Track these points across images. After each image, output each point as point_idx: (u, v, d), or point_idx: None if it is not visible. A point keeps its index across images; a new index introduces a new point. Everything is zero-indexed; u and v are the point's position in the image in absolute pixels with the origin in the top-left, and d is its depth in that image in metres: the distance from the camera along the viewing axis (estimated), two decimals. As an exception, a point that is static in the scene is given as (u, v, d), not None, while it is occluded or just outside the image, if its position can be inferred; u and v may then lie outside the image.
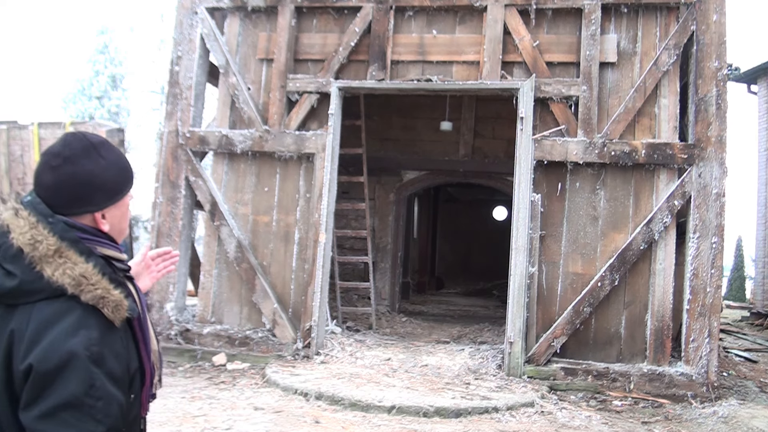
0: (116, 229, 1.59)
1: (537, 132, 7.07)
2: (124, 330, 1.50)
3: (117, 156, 1.59)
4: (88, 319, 1.39)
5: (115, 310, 1.42)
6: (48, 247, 1.41)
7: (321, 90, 7.57)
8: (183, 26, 7.94)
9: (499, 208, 20.90)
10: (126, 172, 1.60)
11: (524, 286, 6.88)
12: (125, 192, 1.59)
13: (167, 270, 2.03)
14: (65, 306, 1.39)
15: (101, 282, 1.42)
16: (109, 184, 1.53)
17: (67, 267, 1.40)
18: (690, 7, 6.89)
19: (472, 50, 7.36)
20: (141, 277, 1.94)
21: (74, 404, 1.33)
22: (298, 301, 7.48)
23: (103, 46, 27.67)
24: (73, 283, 1.39)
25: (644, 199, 6.95)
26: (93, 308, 1.40)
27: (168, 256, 2.03)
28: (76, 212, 1.50)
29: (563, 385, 6.63)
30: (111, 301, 1.42)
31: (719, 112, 6.78)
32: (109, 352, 1.41)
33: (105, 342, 1.40)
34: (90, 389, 1.35)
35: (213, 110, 8.21)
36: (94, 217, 1.53)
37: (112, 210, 1.56)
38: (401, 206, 11.73)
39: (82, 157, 1.50)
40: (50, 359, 1.34)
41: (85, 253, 1.45)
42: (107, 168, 1.53)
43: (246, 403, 5.65)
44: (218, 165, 7.91)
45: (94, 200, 1.51)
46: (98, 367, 1.37)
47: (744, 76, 14.23)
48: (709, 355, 6.53)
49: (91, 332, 1.38)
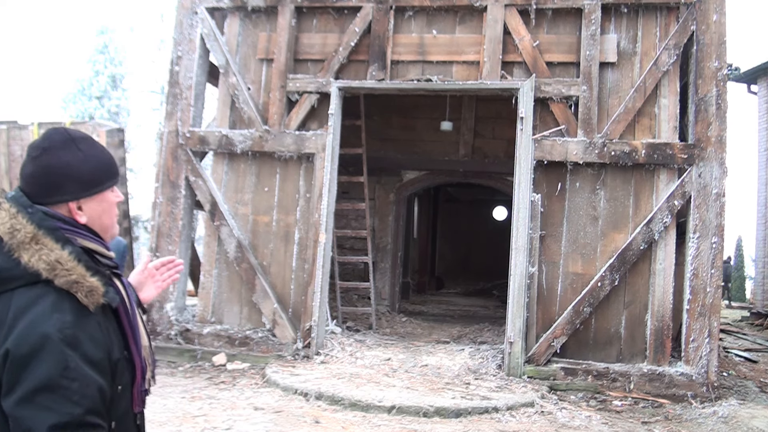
0: (97, 223, 1.61)
1: (537, 132, 7.07)
2: (106, 318, 1.52)
3: (97, 150, 1.62)
4: (63, 304, 1.42)
5: (89, 295, 1.45)
6: (25, 235, 1.44)
7: (321, 90, 7.57)
8: (183, 26, 7.94)
9: (499, 208, 20.90)
10: (105, 166, 1.62)
11: (524, 286, 6.88)
12: (104, 186, 1.61)
13: (172, 279, 2.05)
14: (41, 292, 1.43)
15: (76, 268, 1.45)
16: (85, 175, 1.56)
17: (42, 253, 1.43)
18: (690, 7, 6.89)
19: (472, 50, 7.36)
20: (145, 287, 1.98)
21: (50, 387, 1.34)
22: (298, 301, 7.48)
23: (103, 46, 27.69)
24: (48, 268, 1.42)
25: (644, 199, 6.95)
26: (68, 293, 1.43)
27: (172, 265, 2.05)
28: (51, 201, 1.54)
29: (563, 385, 6.63)
30: (84, 286, 1.44)
31: (719, 112, 6.78)
32: (85, 336, 1.42)
33: (79, 325, 1.42)
34: (64, 371, 1.36)
35: (213, 110, 8.21)
36: (69, 207, 1.56)
37: (90, 203, 1.58)
38: (401, 206, 11.72)
39: (59, 149, 1.55)
40: (25, 343, 1.37)
41: (62, 240, 1.48)
42: (85, 160, 1.57)
43: (246, 403, 5.65)
44: (218, 165, 7.91)
45: (68, 190, 1.54)
46: (73, 350, 1.38)
47: (744, 76, 14.24)
48: (709, 355, 6.53)
49: (65, 316, 1.41)
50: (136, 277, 1.99)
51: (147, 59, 29.41)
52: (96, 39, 27.84)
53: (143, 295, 1.97)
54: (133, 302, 1.69)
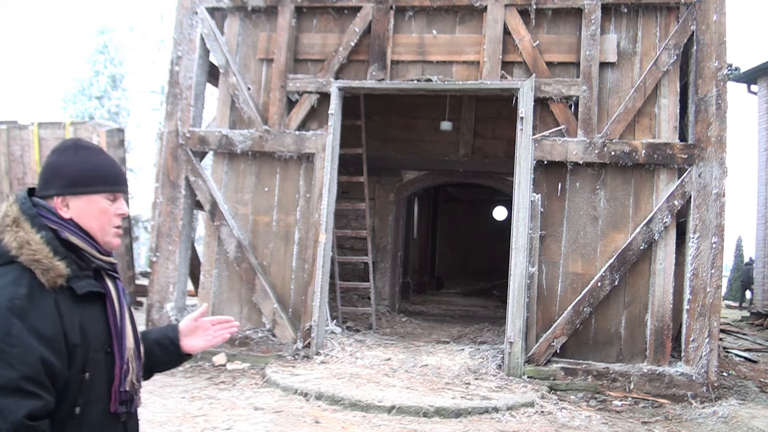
0: (84, 224, 1.69)
1: (537, 132, 7.07)
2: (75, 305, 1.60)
3: (96, 158, 1.74)
4: (22, 279, 1.54)
5: (45, 273, 1.55)
6: (10, 219, 1.61)
7: (321, 90, 7.57)
8: (183, 26, 7.94)
9: (499, 208, 20.89)
10: (99, 172, 1.72)
11: (524, 286, 6.88)
12: (90, 188, 1.70)
13: (223, 338, 2.07)
14: (10, 268, 1.56)
15: (42, 249, 1.57)
16: (73, 174, 1.68)
17: (18, 234, 1.58)
18: (690, 7, 6.89)
19: (472, 50, 7.36)
20: (194, 336, 2.03)
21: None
22: (298, 301, 7.48)
23: (103, 46, 27.70)
24: (17, 246, 1.56)
25: (644, 199, 6.95)
26: (30, 271, 1.55)
27: (228, 325, 2.10)
28: (43, 194, 1.69)
29: (563, 385, 6.63)
30: (44, 265, 1.55)
31: (719, 112, 6.78)
32: (35, 310, 1.51)
33: (32, 299, 1.52)
34: (6, 336, 1.46)
35: (213, 110, 8.21)
36: (55, 201, 1.68)
37: (76, 201, 1.68)
38: (401, 206, 11.73)
39: (62, 151, 1.73)
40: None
41: (38, 226, 1.61)
42: (78, 162, 1.70)
43: (246, 403, 5.65)
44: (218, 165, 7.91)
45: (54, 184, 1.68)
46: (18, 319, 1.48)
47: (744, 76, 14.24)
48: (709, 355, 6.53)
49: (20, 289, 1.52)
50: (188, 324, 2.03)
51: (147, 59, 29.37)
52: (96, 39, 27.84)
53: (190, 343, 2.01)
54: (124, 304, 1.76)
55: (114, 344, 1.69)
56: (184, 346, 2.00)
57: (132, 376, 1.75)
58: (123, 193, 1.79)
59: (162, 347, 1.96)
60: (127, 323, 1.76)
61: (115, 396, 1.69)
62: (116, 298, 1.74)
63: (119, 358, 1.70)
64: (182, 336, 2.00)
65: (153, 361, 1.94)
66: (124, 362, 1.71)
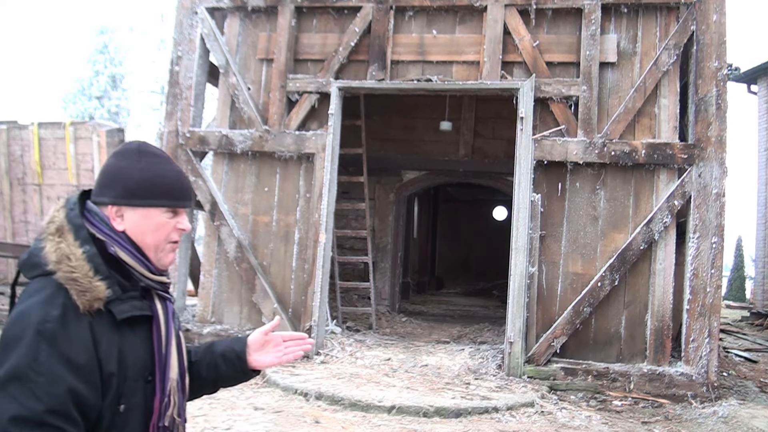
0: (138, 239, 1.54)
1: (537, 132, 7.07)
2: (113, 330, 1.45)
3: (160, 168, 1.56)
4: (56, 298, 1.39)
5: (81, 295, 1.40)
6: (55, 226, 1.47)
7: (321, 90, 7.57)
8: (183, 26, 7.94)
9: (499, 208, 20.89)
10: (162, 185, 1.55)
11: (524, 286, 6.88)
12: (149, 201, 1.53)
13: (296, 356, 1.89)
14: (46, 283, 1.42)
15: (82, 267, 1.42)
16: (131, 183, 1.52)
17: (59, 246, 1.44)
18: (690, 7, 6.89)
19: (472, 50, 7.36)
20: (264, 351, 1.85)
21: (18, 377, 1.32)
22: (298, 301, 7.48)
23: (103, 46, 27.70)
24: (56, 260, 1.42)
25: (644, 199, 6.95)
26: (66, 290, 1.41)
27: (302, 342, 1.91)
28: (98, 200, 1.54)
29: (563, 385, 6.63)
30: (81, 286, 1.40)
31: (719, 112, 6.78)
32: (67, 335, 1.37)
33: (65, 324, 1.37)
34: (33, 363, 1.32)
35: (213, 110, 8.21)
36: (109, 210, 1.53)
37: (131, 214, 1.53)
38: (401, 206, 11.73)
39: (123, 155, 1.57)
40: (10, 330, 1.37)
41: (82, 239, 1.46)
42: (139, 170, 1.53)
43: (246, 403, 5.65)
44: (218, 165, 7.91)
45: (110, 192, 1.53)
46: (47, 344, 1.34)
47: (744, 76, 14.24)
48: (709, 355, 6.53)
49: (52, 310, 1.37)
50: (257, 338, 1.85)
51: (147, 59, 29.38)
52: (96, 39, 27.85)
53: (259, 359, 1.83)
54: (171, 329, 1.61)
55: (156, 373, 1.54)
56: (252, 362, 1.82)
57: (173, 410, 1.58)
58: (187, 207, 1.63)
59: (227, 361, 1.80)
60: (173, 351, 1.60)
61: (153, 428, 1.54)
62: (164, 322, 1.58)
63: (160, 389, 1.55)
64: (251, 350, 1.82)
65: (218, 376, 1.81)
66: (165, 394, 1.56)
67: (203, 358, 1.81)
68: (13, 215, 10.39)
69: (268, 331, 1.85)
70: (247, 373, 1.84)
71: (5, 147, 10.26)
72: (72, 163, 9.77)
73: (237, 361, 1.81)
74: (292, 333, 1.92)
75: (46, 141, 9.99)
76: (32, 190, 10.22)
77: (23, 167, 10.27)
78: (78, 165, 9.77)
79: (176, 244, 1.63)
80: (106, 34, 27.81)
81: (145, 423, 1.52)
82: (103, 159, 9.41)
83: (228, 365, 1.80)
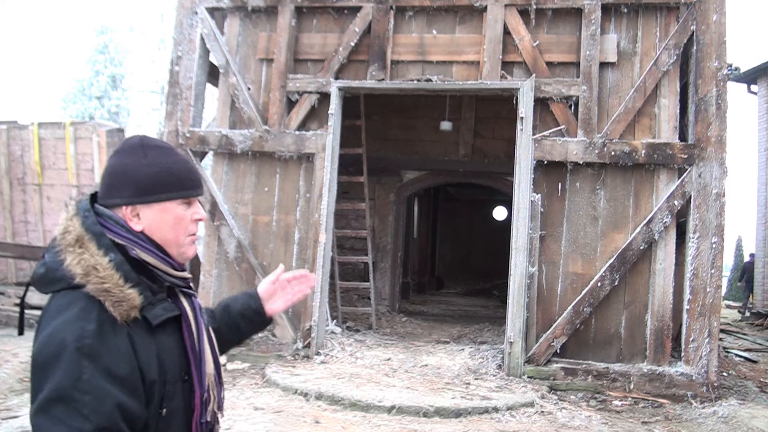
0: (157, 235, 1.50)
1: (537, 132, 7.07)
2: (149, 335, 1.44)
3: (167, 159, 1.53)
4: (90, 313, 1.35)
5: (117, 306, 1.36)
6: (73, 237, 1.41)
7: (321, 90, 7.57)
8: (183, 26, 7.94)
9: (499, 208, 20.89)
10: (171, 176, 1.52)
11: (524, 286, 6.88)
12: (163, 196, 1.50)
13: (303, 294, 1.97)
14: (75, 297, 1.37)
15: (112, 277, 1.38)
16: (141, 180, 1.48)
17: (83, 257, 1.38)
18: (690, 7, 6.89)
19: (472, 50, 7.36)
20: (274, 298, 1.93)
21: (62, 398, 1.28)
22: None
23: (103, 46, 27.71)
24: (82, 273, 1.37)
25: (644, 199, 6.95)
26: (99, 302, 1.36)
27: (305, 279, 1.98)
28: (109, 202, 1.49)
29: (563, 385, 6.63)
30: (115, 296, 1.37)
31: (719, 112, 6.78)
32: (107, 348, 1.33)
33: (102, 337, 1.33)
34: (77, 382, 1.28)
35: (213, 110, 8.21)
36: (123, 211, 1.48)
37: (147, 211, 1.49)
38: (401, 206, 11.72)
39: (126, 152, 1.51)
40: (44, 350, 1.33)
41: (105, 247, 1.41)
42: (147, 165, 1.49)
43: (246, 403, 5.65)
44: (218, 165, 7.91)
45: (123, 192, 1.48)
46: (89, 361, 1.30)
47: (744, 76, 14.25)
48: (709, 355, 6.53)
49: (88, 324, 1.33)
50: (267, 287, 1.93)
51: (147, 59, 29.39)
52: (96, 39, 27.86)
53: (271, 307, 1.91)
54: (201, 324, 1.59)
55: (192, 371, 1.52)
56: (267, 311, 1.90)
57: (213, 404, 1.58)
58: (200, 195, 1.62)
59: (246, 319, 1.87)
60: (206, 346, 1.58)
61: (196, 428, 1.53)
62: (193, 319, 1.55)
63: (199, 386, 1.53)
64: (264, 302, 1.90)
65: (240, 334, 1.87)
66: (204, 390, 1.54)
67: (222, 320, 1.84)
68: (13, 215, 10.38)
69: (275, 279, 1.93)
70: (265, 323, 1.92)
71: (5, 147, 10.26)
72: (72, 163, 9.77)
73: (256, 316, 1.88)
74: (294, 272, 1.97)
75: (46, 141, 9.98)
76: (32, 190, 10.21)
77: (23, 167, 10.27)
78: (78, 165, 9.76)
79: (195, 236, 1.60)
80: (106, 34, 27.82)
81: (187, 422, 1.51)
82: (104, 159, 9.41)
83: (248, 323, 1.87)
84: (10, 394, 5.69)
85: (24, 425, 4.79)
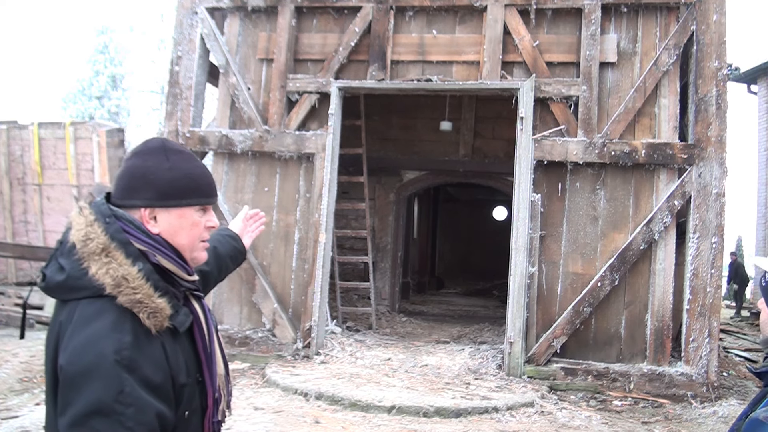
0: (173, 240, 1.51)
1: (537, 132, 7.07)
2: (175, 340, 1.46)
3: (188, 165, 1.53)
4: (124, 323, 1.34)
5: (152, 317, 1.37)
6: (97, 245, 1.38)
7: (321, 90, 7.57)
8: (183, 26, 7.94)
9: (499, 208, 20.89)
10: (191, 182, 1.52)
11: (524, 286, 6.88)
12: (183, 201, 1.51)
13: (259, 230, 2.32)
14: (103, 307, 1.35)
15: (143, 287, 1.38)
16: (163, 184, 1.48)
17: (111, 267, 1.37)
18: (690, 7, 6.89)
19: (472, 50, 7.35)
20: (243, 237, 2.24)
21: (103, 411, 1.27)
22: (298, 301, 7.48)
23: (103, 46, 27.69)
24: (113, 283, 1.36)
25: (644, 199, 6.95)
26: (131, 312, 1.36)
27: (257, 218, 2.32)
28: (126, 204, 1.48)
29: (563, 385, 6.63)
30: (149, 307, 1.37)
31: (719, 112, 6.78)
32: (144, 359, 1.34)
33: (139, 347, 1.34)
34: (119, 395, 1.28)
35: (213, 110, 8.21)
36: (141, 213, 1.48)
37: (165, 215, 1.49)
38: (401, 206, 11.72)
39: (147, 154, 1.50)
40: (78, 361, 1.30)
41: (133, 256, 1.41)
42: (168, 169, 1.49)
43: (246, 403, 5.65)
44: (218, 165, 7.91)
45: (141, 194, 1.47)
46: (129, 373, 1.30)
47: (744, 76, 14.26)
48: (709, 355, 6.53)
49: (124, 336, 1.33)
50: (242, 225, 2.26)
51: (147, 59, 29.39)
52: (96, 39, 27.84)
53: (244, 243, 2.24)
54: (212, 327, 1.61)
55: (205, 372, 1.54)
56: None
57: (223, 403, 1.62)
58: (215, 203, 1.63)
59: (233, 258, 2.15)
60: (216, 346, 1.61)
61: (209, 427, 1.56)
62: (204, 321, 1.58)
63: (210, 386, 1.56)
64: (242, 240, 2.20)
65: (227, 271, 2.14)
66: (216, 390, 1.57)
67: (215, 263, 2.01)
68: (13, 215, 10.39)
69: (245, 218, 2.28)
70: (244, 258, 2.27)
71: (5, 147, 10.26)
72: (72, 163, 9.77)
73: (240, 255, 2.21)
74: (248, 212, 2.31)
75: (46, 141, 9.98)
76: (32, 190, 10.22)
77: (23, 167, 10.27)
78: (78, 165, 9.76)
79: (206, 242, 1.62)
80: (106, 34, 27.81)
81: (200, 421, 1.54)
82: (103, 159, 9.41)
83: (233, 261, 2.16)
84: (10, 394, 5.69)
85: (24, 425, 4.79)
